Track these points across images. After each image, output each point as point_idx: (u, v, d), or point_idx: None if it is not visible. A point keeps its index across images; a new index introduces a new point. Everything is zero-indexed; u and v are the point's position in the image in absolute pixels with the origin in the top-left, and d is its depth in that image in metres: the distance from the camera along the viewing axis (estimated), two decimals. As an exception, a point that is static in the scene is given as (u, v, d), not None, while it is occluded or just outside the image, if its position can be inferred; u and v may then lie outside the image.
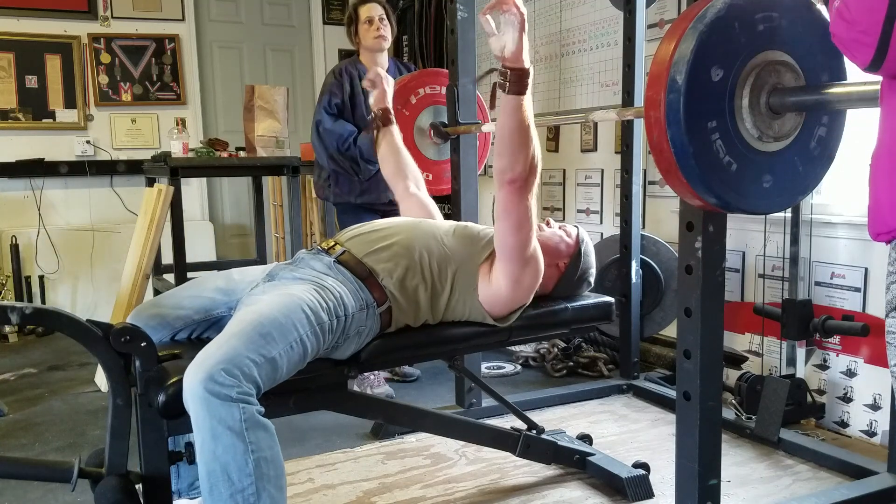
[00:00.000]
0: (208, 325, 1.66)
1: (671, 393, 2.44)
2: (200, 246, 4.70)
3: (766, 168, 1.38)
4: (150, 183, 3.83)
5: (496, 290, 1.71)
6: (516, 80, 1.54)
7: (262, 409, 1.35)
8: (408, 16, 5.05)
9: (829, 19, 1.10)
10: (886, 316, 1.11)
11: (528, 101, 1.57)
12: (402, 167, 2.19)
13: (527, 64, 1.54)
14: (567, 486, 2.14)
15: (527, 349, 3.42)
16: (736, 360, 2.87)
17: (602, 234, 3.59)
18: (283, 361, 1.41)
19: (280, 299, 1.50)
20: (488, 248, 1.79)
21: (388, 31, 3.07)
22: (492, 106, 1.66)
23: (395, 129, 2.23)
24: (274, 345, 1.39)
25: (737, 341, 2.92)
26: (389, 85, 2.22)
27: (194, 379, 1.30)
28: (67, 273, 4.55)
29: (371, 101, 2.26)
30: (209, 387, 1.28)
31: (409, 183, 2.16)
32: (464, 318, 1.76)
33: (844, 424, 2.53)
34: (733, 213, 1.44)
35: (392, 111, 2.24)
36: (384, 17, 3.07)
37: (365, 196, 3.04)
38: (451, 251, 1.74)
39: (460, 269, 1.72)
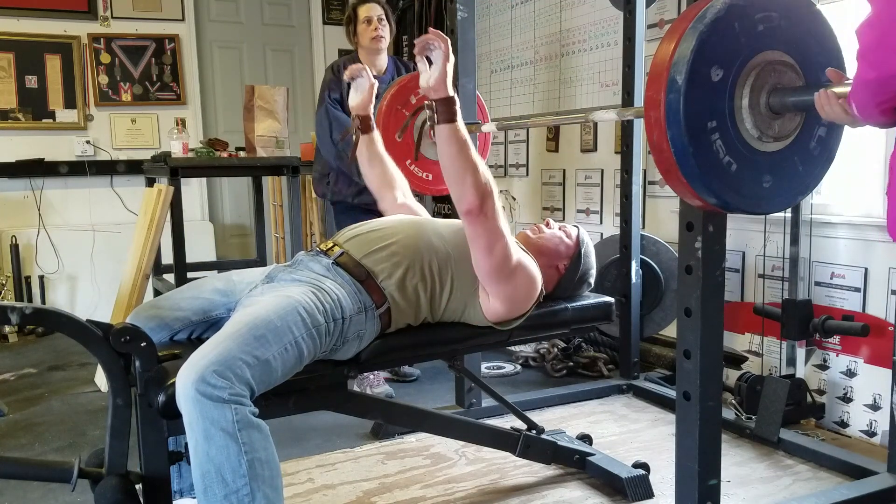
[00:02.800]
0: (207, 327, 1.66)
1: (671, 393, 2.44)
2: (200, 246, 4.70)
3: (766, 168, 1.38)
4: (150, 183, 3.83)
5: (494, 308, 1.72)
6: (444, 109, 1.56)
7: (256, 410, 1.35)
8: (408, 16, 5.05)
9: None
10: None
11: (461, 126, 1.57)
12: (388, 177, 2.09)
13: (450, 92, 1.56)
14: (567, 486, 2.13)
15: (527, 349, 3.42)
16: (736, 360, 2.87)
17: (602, 234, 3.59)
18: (277, 363, 1.41)
19: (276, 301, 1.50)
20: None
21: (386, 32, 3.07)
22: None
23: (376, 135, 2.10)
24: (268, 347, 1.39)
25: (737, 341, 2.92)
26: (374, 89, 2.06)
27: (186, 380, 1.30)
28: (67, 273, 4.55)
29: (351, 102, 2.07)
30: (201, 388, 1.29)
31: (398, 193, 2.08)
32: (463, 318, 1.76)
33: (844, 424, 2.53)
34: (733, 213, 1.44)
35: (372, 118, 2.08)
36: (383, 17, 3.07)
37: (363, 196, 3.03)
38: (451, 250, 1.74)
39: (460, 268, 1.72)
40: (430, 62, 1.59)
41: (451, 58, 1.56)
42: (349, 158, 2.16)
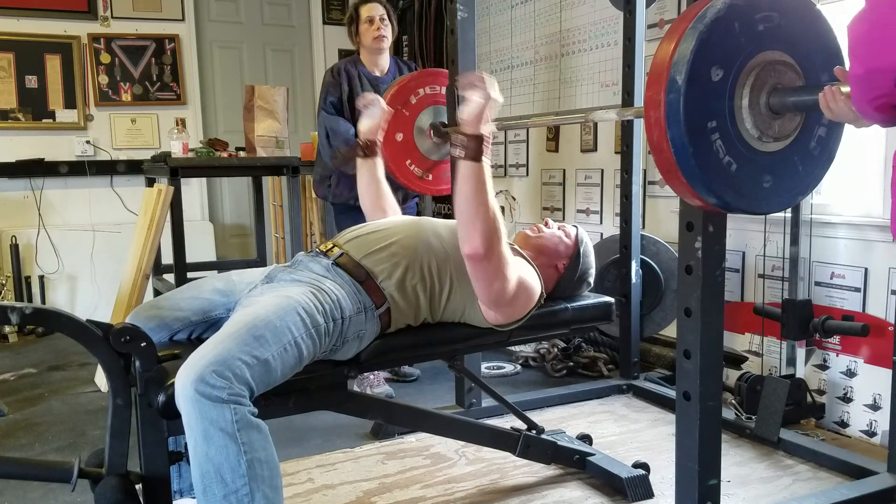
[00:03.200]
0: (207, 327, 1.66)
1: (671, 393, 2.44)
2: (200, 246, 4.70)
3: (766, 168, 1.38)
4: (150, 183, 3.83)
5: (492, 317, 1.74)
6: (472, 146, 1.54)
7: (255, 410, 1.35)
8: (408, 16, 5.05)
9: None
10: None
11: (485, 167, 1.56)
12: (380, 201, 2.13)
13: (483, 131, 1.55)
14: (567, 486, 2.13)
15: (527, 349, 3.42)
16: (736, 360, 2.87)
17: (602, 234, 3.59)
18: (276, 363, 1.41)
19: (276, 301, 1.50)
20: None
21: (388, 31, 3.07)
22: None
23: (378, 160, 2.15)
24: (267, 347, 1.39)
25: (737, 341, 2.92)
26: (386, 116, 2.14)
27: (186, 380, 1.30)
28: (67, 273, 4.55)
29: (361, 127, 2.15)
30: (200, 388, 1.29)
31: (389, 214, 2.11)
32: (462, 317, 1.76)
33: (844, 424, 2.53)
34: (733, 213, 1.44)
35: (379, 144, 2.15)
36: (385, 16, 3.07)
37: (364, 199, 3.04)
38: (450, 250, 1.74)
39: (459, 269, 1.72)
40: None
41: (496, 101, 1.56)
42: (334, 165, 2.17)
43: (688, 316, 1.56)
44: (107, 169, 4.77)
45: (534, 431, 2.10)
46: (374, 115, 2.11)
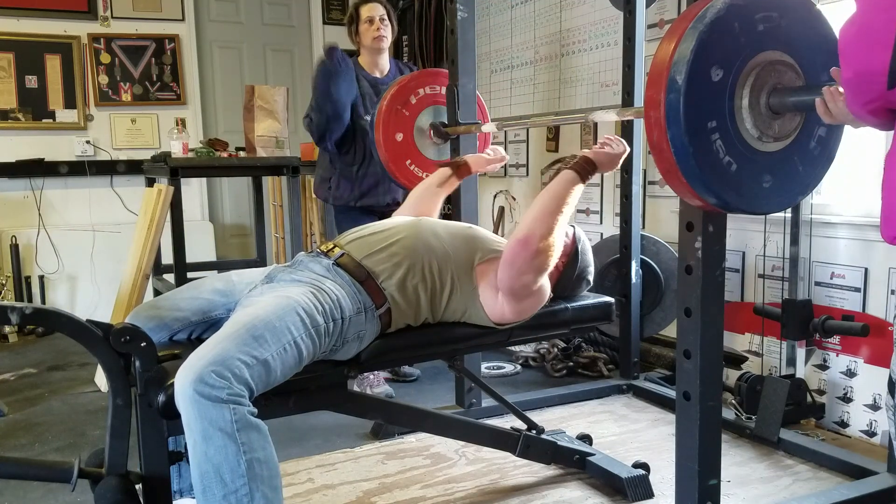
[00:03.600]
0: (206, 327, 1.66)
1: (671, 393, 2.44)
2: (200, 246, 4.70)
3: (766, 168, 1.38)
4: (150, 183, 3.83)
5: (500, 311, 1.75)
6: (583, 165, 1.78)
7: (255, 410, 1.35)
8: (408, 16, 5.05)
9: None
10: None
11: (579, 187, 1.76)
12: (420, 205, 2.16)
13: (599, 168, 1.81)
14: (567, 486, 2.13)
15: (527, 349, 3.42)
16: (736, 360, 2.87)
17: (602, 234, 3.59)
18: (276, 364, 1.41)
19: (275, 301, 1.50)
20: (485, 250, 1.79)
21: (388, 31, 3.07)
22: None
23: (455, 182, 2.28)
24: (266, 347, 1.39)
25: (737, 341, 2.92)
26: (501, 163, 2.33)
27: (185, 381, 1.30)
28: (67, 273, 4.55)
29: (468, 154, 2.38)
30: (199, 388, 1.28)
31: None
32: (463, 317, 1.76)
33: (844, 424, 2.53)
34: (733, 213, 1.44)
35: (473, 172, 2.31)
36: (385, 17, 3.06)
37: (365, 199, 3.04)
38: (450, 250, 1.74)
39: (459, 269, 1.73)
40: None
41: (615, 166, 1.87)
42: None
43: (688, 316, 1.56)
44: (107, 169, 4.76)
45: (534, 431, 2.10)
46: (496, 154, 2.32)
